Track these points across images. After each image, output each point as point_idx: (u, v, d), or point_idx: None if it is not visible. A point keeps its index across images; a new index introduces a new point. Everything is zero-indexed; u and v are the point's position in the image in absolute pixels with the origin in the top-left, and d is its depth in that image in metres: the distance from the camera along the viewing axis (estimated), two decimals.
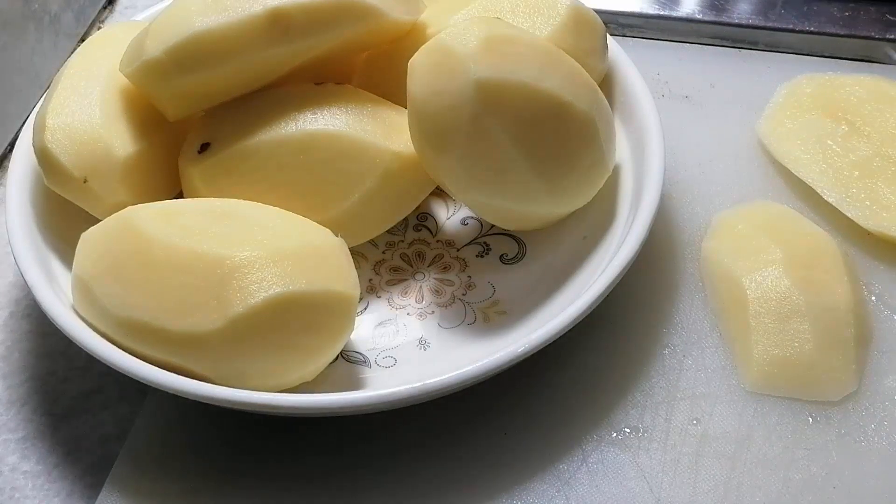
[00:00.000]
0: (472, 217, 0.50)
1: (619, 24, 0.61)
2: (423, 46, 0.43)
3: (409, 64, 0.43)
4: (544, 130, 0.43)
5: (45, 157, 0.45)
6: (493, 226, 0.49)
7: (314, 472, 0.42)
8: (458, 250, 0.49)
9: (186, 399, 0.40)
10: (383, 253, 0.49)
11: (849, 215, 0.49)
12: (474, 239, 0.49)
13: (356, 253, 0.47)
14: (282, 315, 0.39)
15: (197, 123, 0.47)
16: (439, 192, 0.50)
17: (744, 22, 0.61)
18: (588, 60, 0.48)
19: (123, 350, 0.40)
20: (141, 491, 0.42)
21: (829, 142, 0.52)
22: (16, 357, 0.48)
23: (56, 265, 0.45)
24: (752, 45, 0.61)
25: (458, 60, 0.41)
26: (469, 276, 0.48)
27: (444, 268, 0.48)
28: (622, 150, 0.49)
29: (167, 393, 0.40)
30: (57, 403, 0.46)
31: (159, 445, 0.43)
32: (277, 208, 0.43)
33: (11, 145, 0.51)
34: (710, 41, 0.61)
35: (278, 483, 0.42)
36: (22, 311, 0.50)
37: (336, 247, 0.42)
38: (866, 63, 0.59)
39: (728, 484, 0.41)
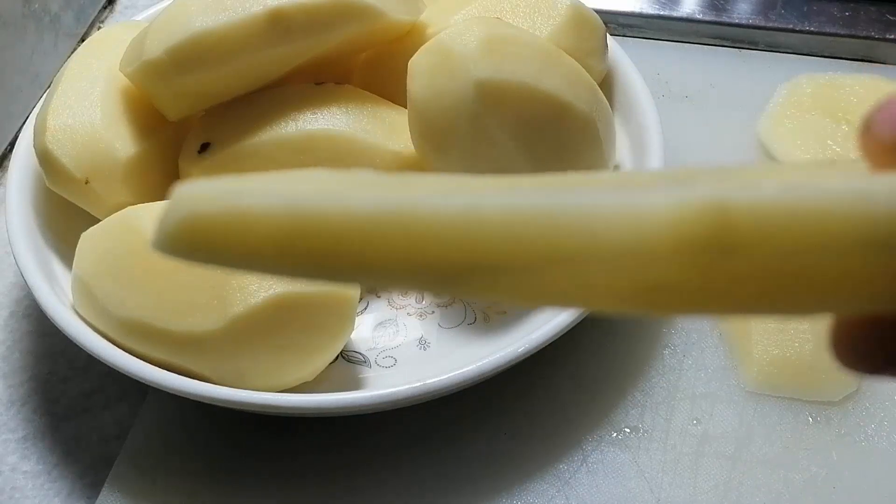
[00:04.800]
0: None
1: (619, 24, 0.61)
2: (423, 47, 0.43)
3: (409, 64, 0.43)
4: (544, 130, 0.43)
5: (46, 159, 0.44)
6: None
7: (314, 471, 0.42)
8: None
9: (186, 399, 0.40)
10: None
11: None
12: None
13: None
14: (282, 315, 0.39)
15: (197, 123, 0.47)
16: None
17: (744, 22, 0.61)
18: (588, 60, 0.48)
19: (123, 350, 0.40)
20: (141, 491, 0.42)
21: (829, 142, 0.52)
22: (16, 357, 0.48)
23: (56, 265, 0.45)
24: (752, 45, 0.61)
25: (458, 61, 0.41)
26: None
27: None
28: (622, 150, 0.49)
29: (167, 393, 0.40)
30: (57, 403, 0.46)
31: (159, 445, 0.43)
32: None
33: (11, 145, 0.51)
34: (710, 41, 0.61)
35: (278, 483, 0.42)
36: (22, 311, 0.50)
37: None
38: (866, 63, 0.59)
39: (728, 484, 0.41)
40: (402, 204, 0.18)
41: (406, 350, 0.45)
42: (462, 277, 0.18)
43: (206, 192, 0.18)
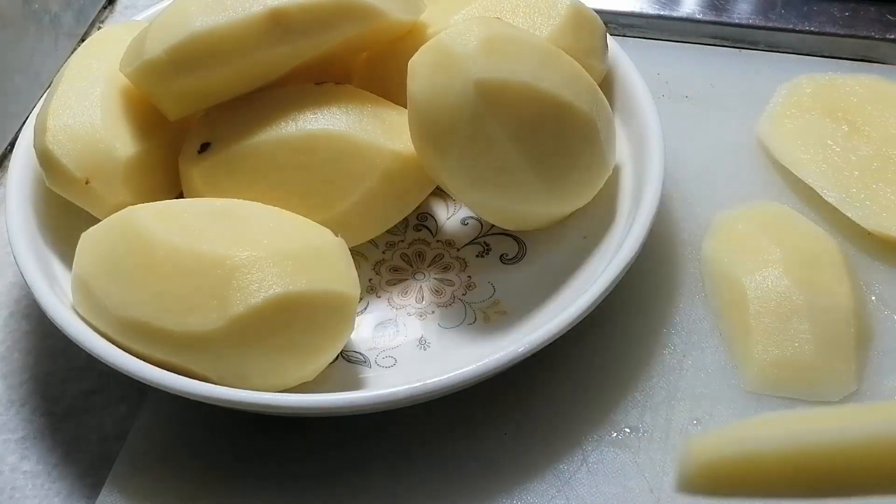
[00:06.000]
0: (472, 217, 0.50)
1: (619, 24, 0.61)
2: (423, 46, 0.43)
3: (409, 64, 0.43)
4: (544, 130, 0.43)
5: (46, 159, 0.44)
6: (493, 226, 0.49)
7: (314, 471, 0.42)
8: (458, 250, 0.49)
9: (186, 399, 0.40)
10: (383, 253, 0.49)
11: (849, 215, 0.49)
12: (474, 239, 0.49)
13: (356, 253, 0.46)
14: (282, 315, 0.39)
15: (197, 123, 0.47)
16: (439, 192, 0.50)
17: (744, 22, 0.61)
18: (588, 60, 0.48)
19: (123, 350, 0.40)
20: (141, 491, 0.42)
21: (830, 142, 0.52)
22: (16, 357, 0.48)
23: (56, 265, 0.45)
24: (752, 45, 0.61)
25: (458, 60, 0.41)
26: (469, 276, 0.48)
27: (444, 268, 0.48)
28: (622, 150, 0.49)
29: (167, 393, 0.40)
30: (57, 403, 0.46)
31: (159, 445, 0.43)
32: (278, 208, 0.43)
33: (11, 145, 0.51)
34: (710, 41, 0.61)
35: (278, 483, 0.42)
36: (22, 311, 0.50)
37: (336, 247, 0.42)
38: (866, 63, 0.59)
39: None
40: (882, 428, 0.25)
41: (406, 350, 0.45)
42: None
43: (713, 442, 0.26)
